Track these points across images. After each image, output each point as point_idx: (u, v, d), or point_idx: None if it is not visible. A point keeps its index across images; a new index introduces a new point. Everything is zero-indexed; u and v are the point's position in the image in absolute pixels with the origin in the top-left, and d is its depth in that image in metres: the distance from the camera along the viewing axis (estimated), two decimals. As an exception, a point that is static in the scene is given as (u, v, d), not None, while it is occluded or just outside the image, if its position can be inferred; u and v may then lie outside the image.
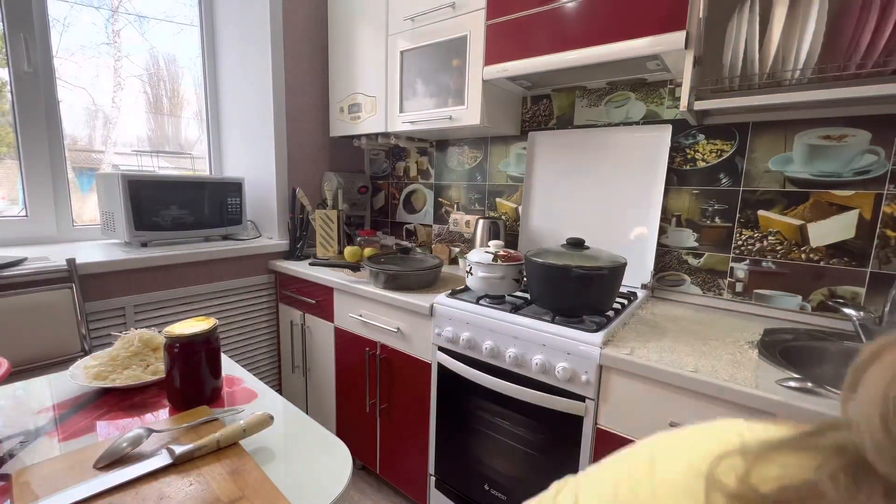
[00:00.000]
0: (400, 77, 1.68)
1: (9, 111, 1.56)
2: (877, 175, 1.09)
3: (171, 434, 0.66)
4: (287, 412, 0.75)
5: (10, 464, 0.59)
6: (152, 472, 0.57)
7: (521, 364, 1.13)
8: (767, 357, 0.93)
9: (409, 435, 1.50)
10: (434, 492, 1.43)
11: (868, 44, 0.92)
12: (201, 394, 0.76)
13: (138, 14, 1.91)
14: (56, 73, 1.63)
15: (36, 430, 0.68)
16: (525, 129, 1.71)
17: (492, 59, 1.41)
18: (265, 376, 2.00)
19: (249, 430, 0.65)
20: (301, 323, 1.84)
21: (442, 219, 2.05)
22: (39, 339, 1.28)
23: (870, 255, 1.11)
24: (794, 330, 1.11)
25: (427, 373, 1.38)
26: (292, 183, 1.98)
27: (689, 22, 1.04)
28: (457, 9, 1.47)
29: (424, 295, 1.41)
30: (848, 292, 1.15)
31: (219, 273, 1.76)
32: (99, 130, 1.88)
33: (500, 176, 1.81)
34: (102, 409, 0.74)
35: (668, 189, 1.38)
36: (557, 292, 1.12)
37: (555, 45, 1.26)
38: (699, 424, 0.26)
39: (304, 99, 1.98)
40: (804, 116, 1.17)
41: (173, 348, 0.74)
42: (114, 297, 1.49)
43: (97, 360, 0.84)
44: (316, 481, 0.58)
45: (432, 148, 2.04)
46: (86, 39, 1.78)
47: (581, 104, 1.57)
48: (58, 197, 1.67)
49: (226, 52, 2.06)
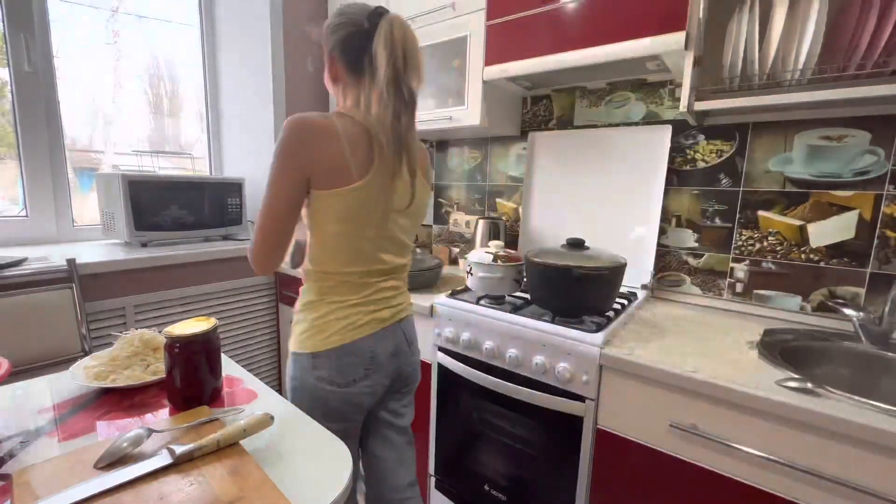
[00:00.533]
0: (400, 77, 1.68)
1: (9, 111, 1.56)
2: (877, 175, 1.09)
3: (171, 434, 0.66)
4: (287, 412, 0.75)
5: (10, 464, 0.59)
6: (152, 472, 0.57)
7: (521, 364, 1.13)
8: (767, 357, 0.93)
9: (409, 435, 1.49)
10: (434, 492, 1.43)
11: (868, 44, 0.92)
12: (201, 394, 0.76)
13: (138, 14, 1.91)
14: (56, 73, 1.63)
15: (36, 430, 0.68)
16: (525, 129, 1.71)
17: (492, 59, 1.41)
18: (265, 377, 2.00)
19: (249, 430, 0.65)
20: (301, 323, 1.83)
21: (442, 219, 2.05)
22: (39, 339, 1.28)
23: (870, 255, 1.11)
24: (794, 330, 1.11)
25: (427, 373, 1.38)
26: (292, 183, 1.98)
27: (689, 22, 1.04)
28: (457, 9, 1.48)
29: (424, 295, 1.41)
30: (848, 293, 1.15)
31: (219, 273, 1.76)
32: (99, 130, 1.88)
33: (500, 176, 1.81)
34: (102, 409, 0.74)
35: (668, 189, 1.38)
36: (557, 293, 1.12)
37: (555, 45, 1.26)
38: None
39: (305, 99, 1.98)
40: (804, 117, 1.17)
41: (173, 348, 0.74)
42: (114, 298, 1.49)
43: (97, 361, 0.84)
44: (316, 481, 0.58)
45: (432, 148, 2.04)
46: (86, 39, 1.78)
47: (581, 104, 1.57)
48: (58, 197, 1.67)
49: (226, 52, 2.06)
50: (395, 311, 0.95)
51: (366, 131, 0.83)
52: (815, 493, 0.76)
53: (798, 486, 0.78)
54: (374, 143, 0.83)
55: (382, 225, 0.88)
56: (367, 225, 0.86)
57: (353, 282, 0.88)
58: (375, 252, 0.89)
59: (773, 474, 0.80)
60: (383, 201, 0.86)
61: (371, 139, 0.83)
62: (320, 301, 0.88)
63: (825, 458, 0.75)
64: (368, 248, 0.88)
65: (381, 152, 0.83)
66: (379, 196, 0.85)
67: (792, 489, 0.79)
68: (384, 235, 0.89)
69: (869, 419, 0.70)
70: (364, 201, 0.83)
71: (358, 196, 0.82)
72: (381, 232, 0.88)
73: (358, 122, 0.83)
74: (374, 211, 0.85)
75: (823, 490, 0.76)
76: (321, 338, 0.87)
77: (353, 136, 0.82)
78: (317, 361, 0.87)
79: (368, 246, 0.87)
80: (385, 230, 0.89)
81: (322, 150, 0.80)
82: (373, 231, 0.87)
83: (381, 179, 0.84)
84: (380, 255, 0.90)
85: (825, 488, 0.75)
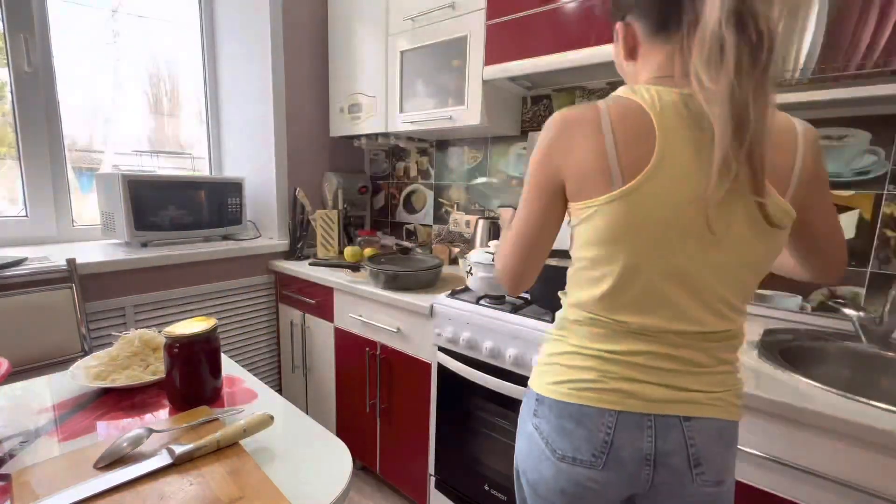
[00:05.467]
0: (400, 77, 1.68)
1: (9, 111, 1.56)
2: (877, 175, 1.09)
3: (171, 434, 0.66)
4: (287, 412, 0.75)
5: (10, 464, 0.59)
6: (152, 472, 0.57)
7: (521, 364, 1.13)
8: (767, 357, 0.93)
9: (409, 435, 1.50)
10: (434, 492, 1.43)
11: (868, 44, 0.92)
12: (201, 394, 0.76)
13: (138, 14, 1.91)
14: (56, 73, 1.63)
15: (36, 430, 0.68)
16: (525, 129, 1.71)
17: (492, 59, 1.41)
18: (265, 376, 2.00)
19: (249, 430, 0.65)
20: (301, 323, 1.84)
21: (442, 219, 2.05)
22: (39, 339, 1.28)
23: (870, 255, 1.11)
24: (794, 330, 1.11)
25: (427, 373, 1.38)
26: (292, 183, 1.98)
27: (689, 22, 1.04)
28: (457, 9, 1.47)
29: (424, 295, 1.41)
30: (848, 292, 1.15)
31: (219, 273, 1.76)
32: (99, 130, 1.88)
33: (501, 176, 1.81)
34: (102, 409, 0.74)
35: (668, 189, 1.38)
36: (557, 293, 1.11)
37: (555, 45, 1.26)
38: None
39: (304, 99, 1.98)
40: (804, 117, 1.15)
41: (173, 348, 0.74)
42: (114, 297, 1.49)
43: (97, 360, 0.84)
44: (316, 481, 0.58)
45: (432, 148, 2.04)
46: (86, 39, 1.78)
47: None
48: (58, 197, 1.67)
49: (226, 52, 2.06)
50: (678, 398, 0.60)
51: (647, 115, 0.56)
52: (816, 493, 0.76)
53: (798, 485, 0.78)
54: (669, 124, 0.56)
55: (668, 256, 0.57)
56: (637, 252, 0.58)
57: (612, 329, 0.63)
58: (654, 297, 0.60)
59: (773, 474, 0.80)
60: (676, 216, 0.56)
61: (652, 127, 0.56)
62: (561, 339, 0.69)
63: (825, 458, 0.75)
64: (642, 289, 0.60)
65: (682, 140, 0.55)
66: (663, 207, 0.56)
67: (792, 489, 0.79)
68: (673, 273, 0.58)
69: (869, 419, 0.70)
70: (633, 216, 0.57)
71: (621, 208, 0.57)
72: (667, 267, 0.58)
73: (644, 100, 0.57)
74: (652, 231, 0.57)
75: (823, 490, 0.76)
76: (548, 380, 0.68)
77: (630, 120, 0.57)
78: (538, 406, 0.68)
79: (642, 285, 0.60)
80: (674, 265, 0.58)
81: (575, 148, 0.59)
82: (654, 263, 0.58)
83: (678, 183, 0.55)
84: (664, 304, 0.60)
85: (825, 488, 0.75)
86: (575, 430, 0.62)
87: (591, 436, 0.61)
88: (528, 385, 0.72)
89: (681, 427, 0.60)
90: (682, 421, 0.60)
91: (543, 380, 0.68)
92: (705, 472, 0.60)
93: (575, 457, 0.62)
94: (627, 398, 0.61)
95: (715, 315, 0.60)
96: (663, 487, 0.62)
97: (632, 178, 0.56)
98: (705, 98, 0.52)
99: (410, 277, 1.47)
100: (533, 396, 0.69)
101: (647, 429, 0.60)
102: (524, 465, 0.69)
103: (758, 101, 0.50)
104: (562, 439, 0.63)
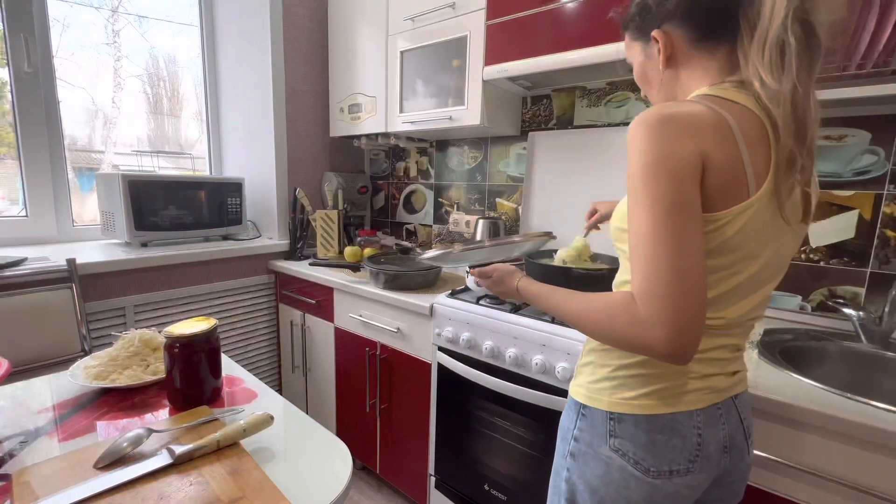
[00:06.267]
0: (400, 77, 1.68)
1: (9, 111, 1.56)
2: (876, 175, 1.09)
3: (171, 434, 0.66)
4: (287, 412, 0.75)
5: (10, 464, 0.59)
6: (152, 472, 0.57)
7: (521, 364, 1.13)
8: (767, 357, 0.93)
9: (409, 435, 1.50)
10: (434, 492, 1.43)
11: (868, 44, 0.92)
12: (201, 394, 0.76)
13: (138, 14, 1.91)
14: (56, 73, 1.63)
15: (36, 430, 0.68)
16: (525, 129, 1.71)
17: (492, 59, 1.41)
18: (265, 376, 2.00)
19: (249, 430, 0.65)
20: (301, 323, 1.84)
21: (442, 219, 2.05)
22: (39, 339, 1.28)
23: (870, 255, 1.11)
24: (794, 330, 1.11)
25: (427, 373, 1.38)
26: (292, 183, 1.98)
27: (689, 22, 1.04)
28: (457, 9, 1.48)
29: (424, 295, 1.41)
30: (848, 292, 1.15)
31: (219, 273, 1.76)
32: (99, 130, 1.88)
33: (500, 176, 1.81)
34: (102, 409, 0.74)
35: (668, 189, 1.38)
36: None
37: (555, 45, 1.26)
38: None
39: (304, 99, 1.98)
40: (804, 116, 1.16)
41: (173, 348, 0.74)
42: (114, 297, 1.49)
43: (97, 360, 0.84)
44: (316, 481, 0.58)
45: (432, 148, 2.04)
46: (86, 39, 1.78)
47: (581, 104, 1.57)
48: (58, 197, 1.67)
49: (226, 52, 2.06)
50: (732, 381, 0.65)
51: (757, 116, 0.56)
52: (816, 493, 0.76)
53: (798, 485, 0.78)
54: (771, 131, 0.56)
55: (770, 249, 0.59)
56: (755, 254, 0.58)
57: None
58: (746, 291, 0.61)
59: (774, 474, 0.80)
60: (772, 216, 0.57)
61: (765, 127, 0.56)
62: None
63: (825, 458, 0.75)
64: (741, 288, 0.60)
65: (776, 143, 0.56)
66: (767, 210, 0.56)
67: (792, 489, 0.79)
68: (766, 266, 0.60)
69: (869, 419, 0.70)
70: (759, 218, 0.56)
71: (755, 215, 0.56)
72: (767, 261, 0.60)
73: (740, 105, 0.57)
74: (766, 230, 0.57)
75: (824, 490, 0.76)
76: (628, 395, 0.63)
77: (747, 124, 0.56)
78: (617, 426, 0.64)
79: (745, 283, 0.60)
80: (767, 257, 0.59)
81: (715, 152, 0.54)
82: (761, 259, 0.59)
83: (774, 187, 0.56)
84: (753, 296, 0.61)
85: (825, 488, 0.75)
86: (669, 440, 0.61)
87: (685, 442, 0.61)
88: (587, 404, 0.67)
89: (734, 405, 0.65)
90: (734, 400, 0.65)
91: (619, 396, 0.64)
92: (753, 440, 0.68)
93: (671, 469, 0.61)
94: (707, 394, 0.63)
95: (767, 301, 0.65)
96: (731, 466, 0.65)
97: (762, 184, 0.55)
98: (770, 98, 0.55)
99: (410, 277, 1.47)
100: (605, 416, 0.65)
101: (720, 417, 0.63)
102: (603, 491, 0.65)
103: (811, 99, 0.56)
104: (654, 455, 0.61)
